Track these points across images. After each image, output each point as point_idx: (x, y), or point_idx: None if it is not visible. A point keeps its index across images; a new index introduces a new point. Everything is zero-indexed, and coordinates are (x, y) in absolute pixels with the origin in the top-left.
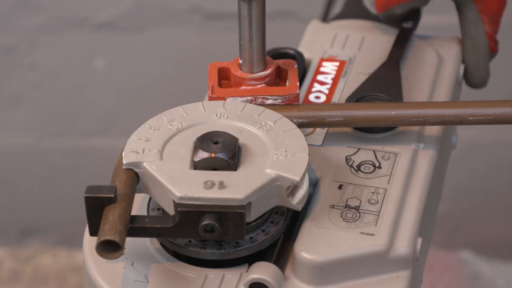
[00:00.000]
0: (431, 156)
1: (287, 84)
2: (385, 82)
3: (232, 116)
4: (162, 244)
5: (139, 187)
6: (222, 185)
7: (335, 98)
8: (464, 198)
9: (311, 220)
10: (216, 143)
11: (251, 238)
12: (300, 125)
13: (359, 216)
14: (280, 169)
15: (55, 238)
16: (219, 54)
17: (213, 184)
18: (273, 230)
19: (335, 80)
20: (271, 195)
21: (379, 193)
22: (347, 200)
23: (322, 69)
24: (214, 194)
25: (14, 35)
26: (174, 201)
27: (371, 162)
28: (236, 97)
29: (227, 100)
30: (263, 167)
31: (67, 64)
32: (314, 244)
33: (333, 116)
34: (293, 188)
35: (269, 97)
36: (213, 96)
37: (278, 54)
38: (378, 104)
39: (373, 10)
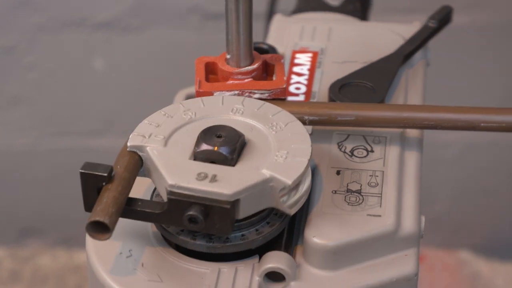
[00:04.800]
0: (418, 135)
1: (274, 78)
2: (378, 72)
3: (248, 113)
4: (168, 241)
5: (142, 171)
6: (214, 179)
7: (315, 88)
8: (464, 198)
9: (317, 207)
10: (219, 137)
11: (257, 230)
12: (311, 123)
13: (363, 199)
14: (276, 170)
15: (55, 238)
16: (218, 54)
17: (205, 177)
18: (278, 222)
19: (311, 70)
20: (264, 195)
21: (377, 176)
22: (347, 185)
23: (296, 61)
24: (203, 187)
25: (14, 35)
26: (166, 188)
27: (363, 147)
28: (224, 91)
29: (226, 94)
30: (260, 166)
31: (66, 64)
32: (325, 229)
33: (345, 115)
34: (287, 191)
35: (256, 91)
36: (200, 90)
37: (255, 48)
38: (390, 106)
39: (331, 1)
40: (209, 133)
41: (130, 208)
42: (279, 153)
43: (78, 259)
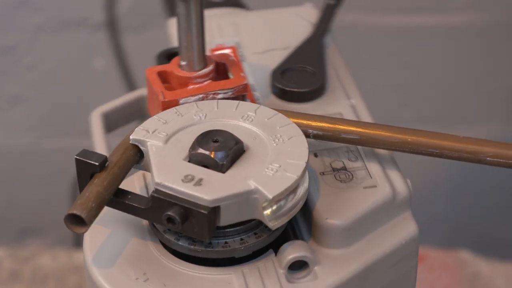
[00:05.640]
0: (365, 106)
1: (230, 76)
2: (308, 55)
3: (257, 121)
4: (180, 253)
5: (142, 165)
6: (199, 183)
7: (251, 80)
8: (464, 198)
9: (315, 191)
10: (216, 141)
11: (242, 239)
12: (315, 137)
13: (352, 175)
14: (261, 182)
15: (55, 238)
16: None
17: (191, 179)
18: None
19: (238, 64)
20: (248, 206)
21: (352, 150)
22: (331, 164)
23: None
24: (186, 189)
25: (14, 35)
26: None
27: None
28: (189, 97)
29: (191, 100)
30: (249, 176)
31: (67, 64)
32: (333, 210)
33: (349, 133)
34: (270, 204)
35: (219, 91)
36: (166, 100)
37: (171, 54)
38: (396, 129)
39: None
40: (207, 137)
41: (118, 200)
42: (271, 166)
43: (78, 259)
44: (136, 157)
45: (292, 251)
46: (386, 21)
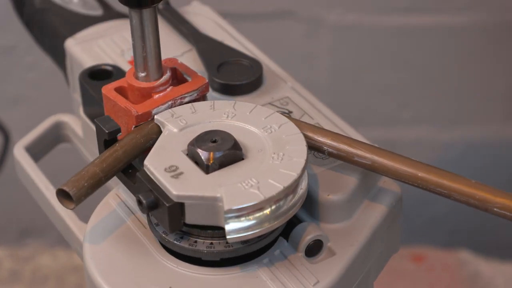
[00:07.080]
0: (300, 85)
1: (188, 79)
2: (232, 47)
3: (275, 135)
4: (201, 260)
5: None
6: (177, 176)
7: None
8: None
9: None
10: (214, 142)
11: (211, 243)
12: (330, 154)
13: None
14: (229, 193)
15: (54, 238)
16: None
17: (172, 171)
18: None
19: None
20: (214, 212)
21: None
22: None
23: None
24: (161, 178)
25: (14, 35)
26: None
27: (281, 112)
28: (159, 106)
29: (161, 108)
30: (224, 184)
31: None
32: (331, 186)
33: (362, 157)
34: (229, 217)
35: (185, 95)
36: (140, 113)
37: (95, 71)
38: (409, 161)
39: (93, 13)
40: (208, 135)
41: (123, 174)
42: (250, 180)
43: (78, 259)
44: (148, 144)
45: (308, 233)
46: (386, 21)
